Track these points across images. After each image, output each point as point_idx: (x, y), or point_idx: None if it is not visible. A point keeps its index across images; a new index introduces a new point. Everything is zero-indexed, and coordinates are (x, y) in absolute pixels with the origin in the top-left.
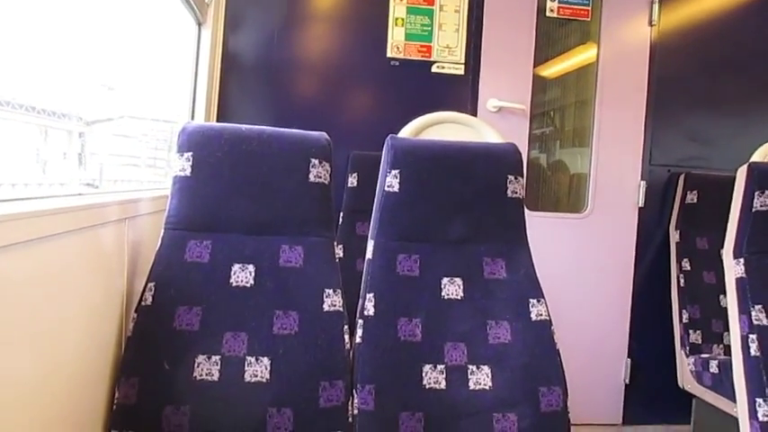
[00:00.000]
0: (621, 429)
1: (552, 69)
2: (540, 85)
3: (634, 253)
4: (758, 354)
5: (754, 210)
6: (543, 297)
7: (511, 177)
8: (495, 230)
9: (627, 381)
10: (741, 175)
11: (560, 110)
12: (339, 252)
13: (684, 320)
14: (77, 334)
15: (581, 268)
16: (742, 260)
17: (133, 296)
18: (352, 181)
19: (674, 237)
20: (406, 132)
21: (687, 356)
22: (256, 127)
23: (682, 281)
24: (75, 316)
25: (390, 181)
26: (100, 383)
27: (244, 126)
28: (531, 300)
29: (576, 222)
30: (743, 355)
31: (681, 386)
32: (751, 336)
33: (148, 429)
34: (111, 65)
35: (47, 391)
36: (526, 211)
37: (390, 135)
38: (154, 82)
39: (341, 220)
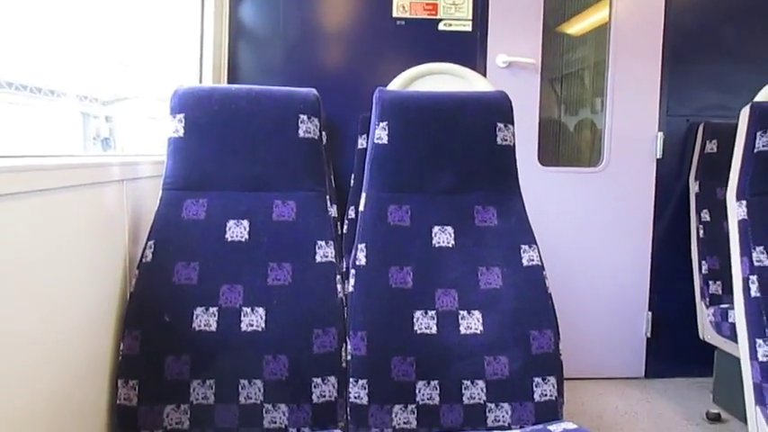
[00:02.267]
0: (644, 383)
1: (578, 27)
2: (568, 44)
3: (653, 205)
4: (758, 295)
5: (756, 150)
6: (536, 243)
7: (500, 125)
8: (486, 179)
9: (648, 334)
10: (744, 115)
11: (589, 69)
12: (351, 213)
13: (704, 272)
14: (82, 289)
15: (599, 222)
16: (744, 202)
17: (135, 254)
18: (362, 143)
19: (694, 188)
20: (396, 85)
21: (707, 307)
22: (245, 86)
23: (701, 232)
24: (79, 271)
25: (379, 133)
26: (105, 336)
27: (233, 86)
28: (523, 246)
29: (592, 176)
30: (743, 297)
31: (702, 338)
32: (751, 277)
33: (152, 377)
34: (124, 42)
35: (51, 343)
36: (540, 166)
37: (379, 87)
38: (168, 58)
39: (352, 182)
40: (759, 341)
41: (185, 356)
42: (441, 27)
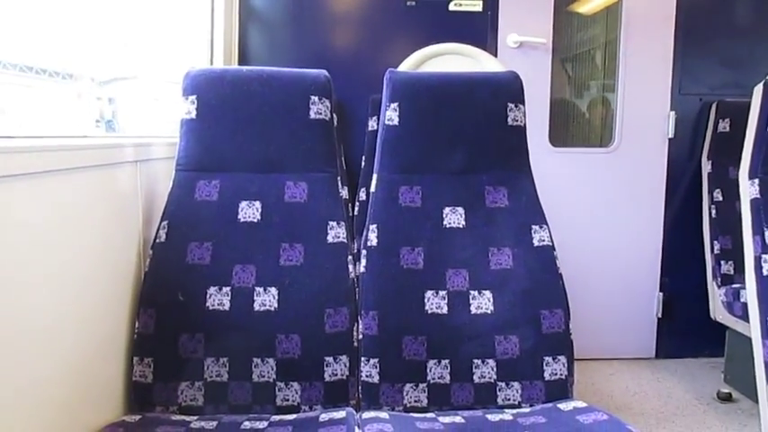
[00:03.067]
0: (655, 363)
1: (589, 6)
2: (580, 23)
3: (665, 185)
4: None
5: None
6: (546, 223)
7: (511, 105)
8: (497, 159)
9: (659, 315)
10: (757, 93)
11: (601, 48)
12: (362, 195)
13: (716, 251)
14: (98, 268)
15: (610, 203)
16: (757, 181)
17: (149, 234)
18: (372, 125)
19: (706, 167)
20: (406, 66)
21: (719, 287)
22: (257, 68)
23: (713, 212)
24: (94, 250)
25: (390, 114)
26: (121, 315)
27: (245, 67)
28: (534, 226)
29: (604, 157)
30: (756, 276)
31: (713, 318)
32: (764, 256)
33: (166, 355)
34: (126, 20)
35: (68, 321)
36: (551, 147)
37: (389, 69)
38: (174, 38)
39: (363, 163)
40: None
41: (199, 335)
42: (451, 7)
